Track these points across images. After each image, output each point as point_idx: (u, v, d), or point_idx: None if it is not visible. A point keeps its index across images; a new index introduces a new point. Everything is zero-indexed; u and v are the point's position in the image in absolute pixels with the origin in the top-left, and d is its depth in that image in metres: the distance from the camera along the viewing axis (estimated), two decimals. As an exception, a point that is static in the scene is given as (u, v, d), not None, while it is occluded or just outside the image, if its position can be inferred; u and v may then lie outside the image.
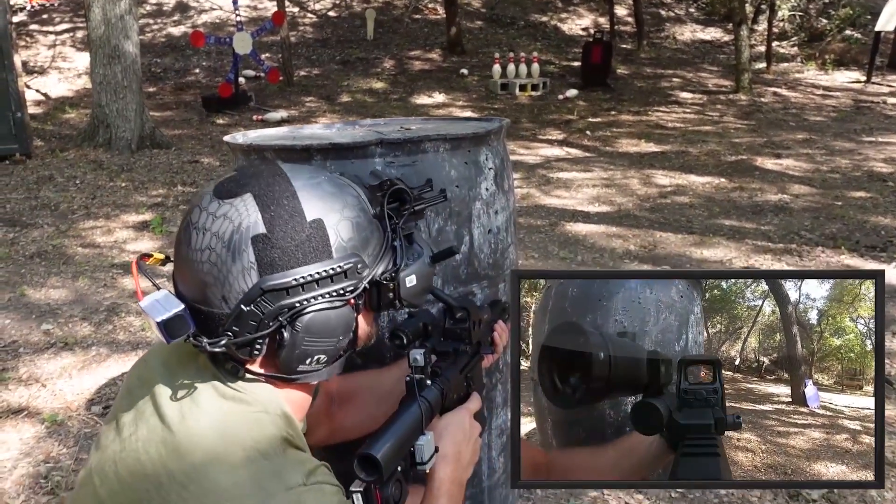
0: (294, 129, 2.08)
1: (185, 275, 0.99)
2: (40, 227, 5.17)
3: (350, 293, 0.99)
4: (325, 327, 0.98)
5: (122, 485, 0.96)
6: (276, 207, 0.96)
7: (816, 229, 5.00)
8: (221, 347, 0.95)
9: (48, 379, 2.98)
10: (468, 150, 1.69)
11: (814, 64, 14.15)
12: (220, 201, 0.97)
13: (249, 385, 1.01)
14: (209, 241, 0.95)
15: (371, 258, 1.03)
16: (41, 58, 12.12)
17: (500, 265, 1.78)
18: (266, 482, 0.91)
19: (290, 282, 0.95)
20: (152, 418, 0.99)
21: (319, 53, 13.67)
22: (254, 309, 0.94)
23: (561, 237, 4.97)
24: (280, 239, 0.95)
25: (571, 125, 9.69)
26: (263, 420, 0.98)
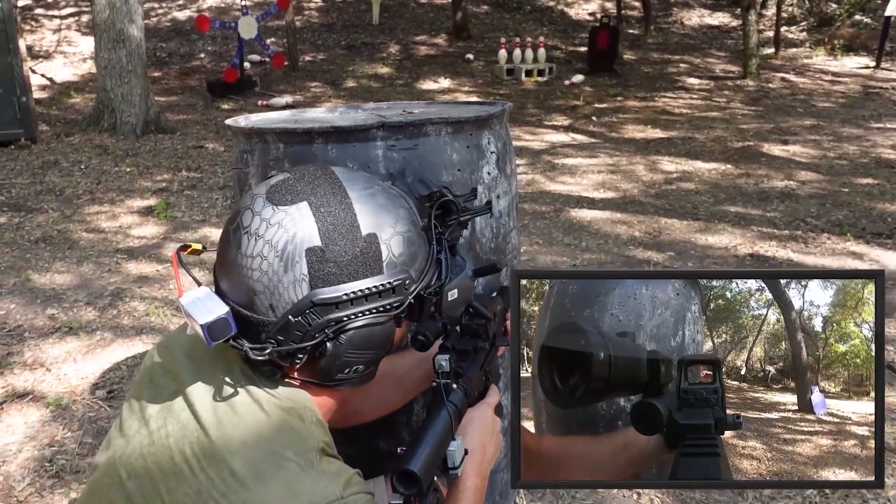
0: (297, 113, 2.07)
1: (231, 277, 0.98)
2: (45, 211, 5.17)
3: (395, 308, 0.99)
4: (368, 341, 0.98)
5: (155, 482, 0.95)
6: (332, 220, 0.95)
7: (822, 216, 4.97)
8: (265, 356, 0.95)
9: (53, 363, 2.99)
10: (470, 134, 1.68)
11: (822, 49, 14.04)
12: (275, 207, 0.96)
13: (285, 390, 1.00)
14: (261, 249, 0.94)
15: (418, 273, 1.02)
16: (46, 42, 12.11)
17: (502, 250, 1.78)
18: (305, 495, 0.90)
19: (341, 296, 0.94)
20: (183, 414, 0.98)
21: (325, 38, 13.63)
22: (301, 320, 0.94)
23: (566, 223, 4.96)
24: (334, 253, 0.94)
25: (577, 111, 9.65)
26: (301, 430, 0.97)
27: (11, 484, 2.24)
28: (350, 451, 1.78)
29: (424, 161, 1.61)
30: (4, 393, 2.76)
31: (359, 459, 1.79)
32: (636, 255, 4.32)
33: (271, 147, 1.65)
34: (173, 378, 1.03)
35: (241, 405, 0.97)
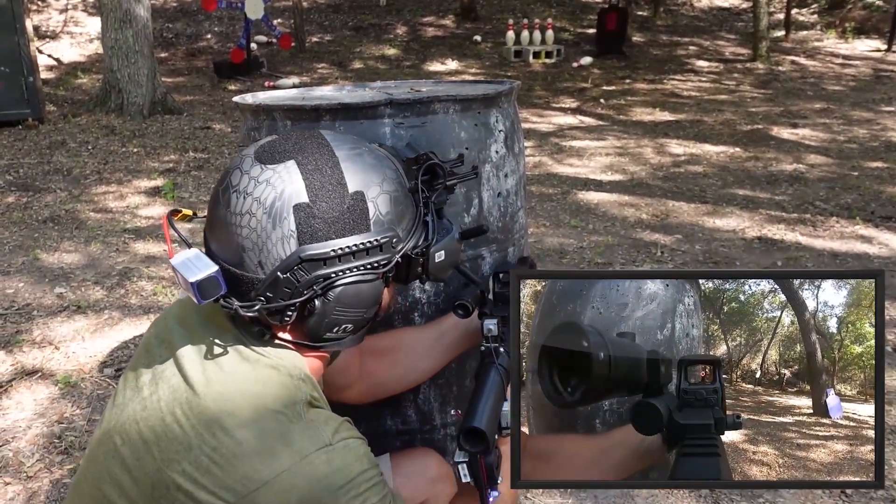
0: (304, 91, 2.06)
1: (220, 236, 0.99)
2: (53, 191, 5.18)
3: (383, 266, 1.01)
4: (357, 298, 0.99)
5: (147, 445, 0.96)
6: (320, 177, 0.97)
7: (831, 199, 4.95)
8: (254, 312, 0.96)
9: (62, 342, 3.00)
10: (478, 112, 1.67)
11: (833, 32, 13.91)
12: (263, 166, 0.97)
13: (274, 350, 1.01)
14: (250, 206, 0.95)
15: (405, 232, 1.04)
16: (53, 22, 12.08)
17: (509, 229, 1.77)
18: (295, 444, 0.92)
19: (329, 252, 0.95)
20: (174, 378, 1.00)
21: (332, 19, 13.56)
22: (290, 277, 0.95)
23: (573, 206, 4.94)
24: (322, 209, 0.95)
25: (585, 93, 9.59)
26: (288, 384, 0.98)
27: (21, 460, 2.26)
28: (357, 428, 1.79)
29: (432, 139, 1.60)
30: (14, 371, 2.78)
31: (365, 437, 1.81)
32: (643, 237, 4.31)
33: (279, 124, 1.65)
34: (167, 347, 1.05)
35: (229, 364, 0.99)
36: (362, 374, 1.49)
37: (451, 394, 1.77)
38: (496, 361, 1.23)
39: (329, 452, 0.92)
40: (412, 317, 1.67)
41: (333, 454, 0.93)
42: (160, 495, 0.93)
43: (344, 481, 0.92)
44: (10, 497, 2.10)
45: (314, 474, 0.91)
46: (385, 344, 1.55)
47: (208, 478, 0.91)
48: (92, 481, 1.02)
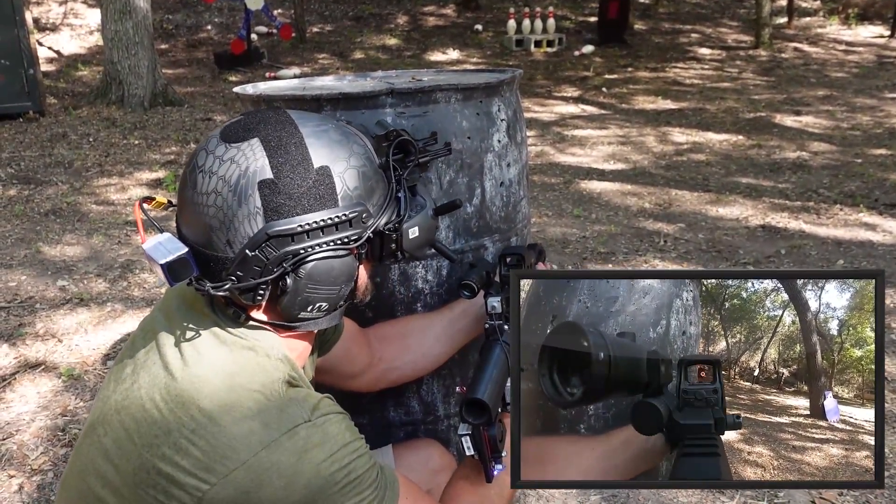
0: (305, 81, 2.05)
1: (189, 218, 0.98)
2: (55, 184, 5.18)
3: (354, 242, 1.00)
4: (328, 275, 0.98)
5: (129, 432, 0.96)
6: (284, 153, 0.96)
7: (835, 187, 4.92)
8: (225, 292, 0.95)
9: (64, 334, 3.00)
10: (480, 101, 1.65)
11: (837, 18, 13.83)
12: (228, 145, 0.97)
13: (251, 331, 1.01)
14: (215, 185, 0.95)
15: (376, 208, 1.03)
16: (53, 14, 12.03)
17: (511, 218, 1.76)
18: (273, 424, 0.92)
19: (296, 228, 0.94)
20: (154, 366, 0.99)
21: (332, 9, 13.51)
22: (258, 254, 0.94)
23: (575, 195, 4.93)
24: (287, 185, 0.94)
25: (587, 82, 9.56)
26: (265, 364, 0.98)
27: (25, 452, 2.26)
28: (360, 419, 1.79)
29: (434, 128, 1.58)
30: (17, 363, 2.78)
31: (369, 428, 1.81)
32: (646, 226, 4.29)
33: (279, 115, 1.64)
34: (150, 336, 1.05)
35: (206, 346, 0.99)
36: (374, 360, 1.49)
37: (454, 384, 1.77)
38: (501, 338, 1.24)
39: (309, 428, 0.92)
40: (415, 307, 1.66)
41: (313, 429, 0.93)
42: (142, 481, 0.93)
43: (326, 455, 0.92)
44: (14, 490, 2.11)
45: (294, 450, 0.91)
46: (396, 330, 1.56)
47: (188, 460, 0.90)
48: (77, 474, 1.02)
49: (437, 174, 1.60)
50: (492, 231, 1.71)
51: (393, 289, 1.64)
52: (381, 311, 1.64)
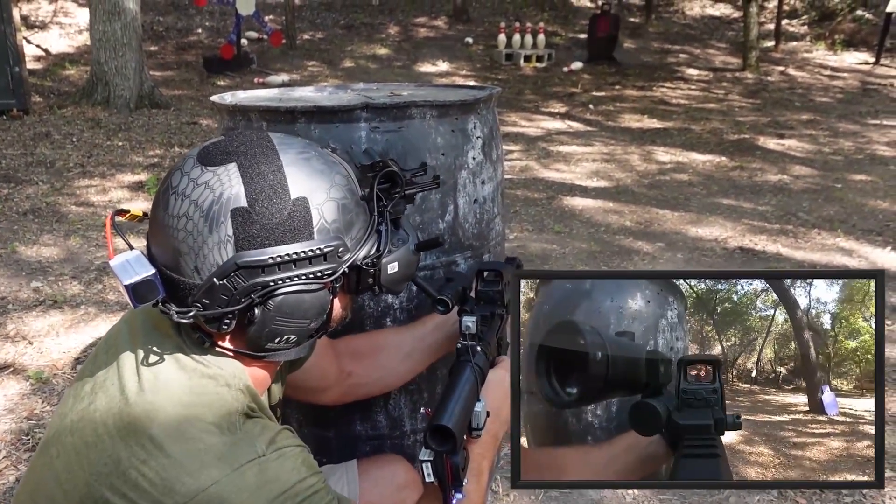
0: (284, 91, 2.05)
1: (158, 239, 0.96)
2: (35, 183, 5.14)
3: (328, 276, 0.96)
4: (298, 309, 0.95)
5: (79, 457, 0.93)
6: (261, 181, 0.92)
7: (814, 211, 4.97)
8: (189, 319, 0.93)
9: (35, 336, 2.97)
10: (455, 118, 1.66)
11: (823, 44, 13.99)
12: (204, 168, 0.93)
13: (214, 359, 0.98)
14: (187, 209, 0.92)
15: (354, 242, 0.99)
16: (42, 12, 11.97)
17: (485, 236, 1.76)
18: (226, 456, 0.89)
19: (267, 260, 0.91)
20: (112, 387, 0.96)
21: (324, 17, 13.52)
22: (226, 283, 0.91)
23: (557, 211, 4.94)
24: (261, 214, 0.91)
25: (575, 98, 9.61)
26: (224, 395, 0.95)
27: (-11, 456, 2.24)
28: (326, 433, 1.79)
29: (408, 144, 1.59)
30: (-15, 365, 2.75)
31: (335, 441, 1.80)
32: (626, 244, 4.31)
33: (254, 125, 1.63)
34: (113, 353, 1.02)
35: (165, 372, 0.95)
36: (342, 375, 1.47)
37: (422, 400, 1.76)
38: (472, 360, 1.20)
39: (262, 464, 0.89)
40: (384, 322, 1.66)
41: (266, 464, 0.90)
42: None
43: (279, 492, 0.89)
44: (-25, 494, 2.08)
45: (245, 486, 0.88)
46: (365, 345, 1.53)
47: (136, 492, 0.88)
48: (29, 494, 0.99)
49: (410, 190, 1.60)
50: (464, 248, 1.71)
51: (362, 303, 1.64)
52: (350, 325, 1.63)
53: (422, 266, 1.63)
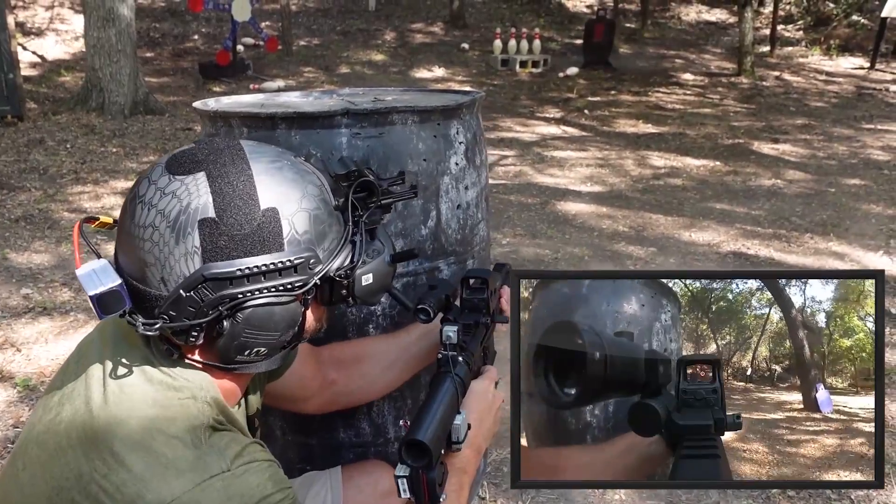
0: (269, 97, 2.04)
1: (125, 249, 0.93)
2: (28, 190, 5.13)
3: (299, 289, 0.94)
4: (268, 321, 0.93)
5: (43, 469, 0.92)
6: (229, 191, 0.90)
7: (807, 215, 4.97)
8: (155, 331, 0.90)
9: (24, 343, 2.97)
10: (437, 124, 1.65)
11: (818, 49, 14.02)
12: (172, 177, 0.91)
13: (182, 371, 0.96)
14: (153, 219, 0.89)
15: (326, 253, 0.97)
16: (39, 19, 11.97)
17: (468, 241, 1.76)
18: (189, 471, 0.87)
19: (235, 272, 0.89)
20: (78, 399, 0.95)
21: (320, 23, 13.54)
22: (193, 295, 0.89)
23: (551, 215, 4.94)
24: (229, 226, 0.89)
25: (570, 103, 9.62)
26: (190, 407, 0.93)
27: (-26, 464, 2.23)
28: (309, 440, 1.77)
29: (390, 149, 1.58)
30: (-27, 372, 2.74)
31: (318, 449, 1.79)
32: (619, 249, 4.31)
33: (235, 132, 1.63)
34: (83, 364, 0.99)
35: (131, 385, 0.93)
36: (325, 384, 1.45)
37: (405, 407, 1.75)
38: (453, 371, 1.17)
39: (226, 479, 0.87)
40: (366, 328, 1.65)
41: (231, 480, 0.87)
42: None
43: None
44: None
45: (208, 501, 0.85)
46: (349, 353, 1.51)
47: None
48: None
49: (392, 195, 1.59)
50: (447, 253, 1.71)
51: (345, 310, 1.63)
52: (332, 332, 1.62)
53: (404, 272, 1.63)
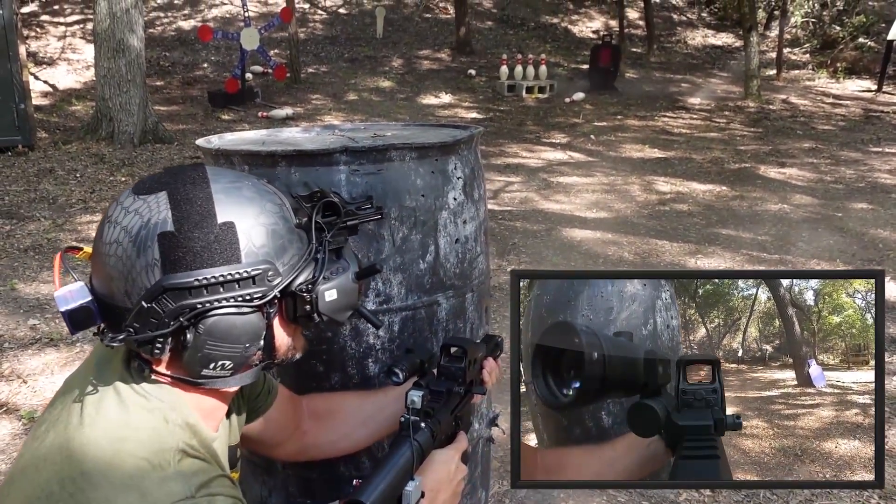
0: (271, 133, 2.06)
1: (97, 268, 0.98)
2: (37, 220, 5.18)
3: (258, 300, 0.97)
4: (230, 333, 0.96)
5: (23, 493, 0.94)
6: (188, 207, 0.95)
7: (813, 240, 4.96)
8: (119, 343, 0.94)
9: (30, 375, 2.98)
10: (435, 159, 1.67)
11: (825, 72, 14.06)
12: (136, 196, 0.96)
13: (155, 389, 0.99)
14: (118, 235, 0.95)
15: (287, 267, 1.01)
16: (51, 49, 12.15)
17: (467, 275, 1.77)
18: (151, 496, 0.89)
19: (193, 282, 0.93)
20: (60, 424, 0.98)
21: (328, 51, 13.68)
22: (155, 306, 0.92)
23: (556, 242, 4.95)
24: (187, 238, 0.93)
25: (576, 129, 9.66)
26: (161, 430, 0.96)
27: (-23, 498, 2.23)
28: (311, 474, 1.78)
29: (388, 185, 1.60)
30: (-21, 404, 2.75)
31: (319, 482, 1.79)
32: (624, 276, 4.31)
33: (237, 168, 1.65)
34: (69, 391, 1.02)
35: (106, 405, 0.97)
36: (298, 432, 1.46)
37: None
38: (412, 436, 1.18)
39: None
40: (366, 362, 1.66)
41: None
42: None
43: None
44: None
45: None
46: (324, 406, 1.52)
47: None
48: None
49: (391, 231, 1.60)
50: (445, 287, 1.71)
51: (344, 343, 1.64)
52: (332, 366, 1.63)
53: (403, 307, 1.64)
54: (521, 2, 16.40)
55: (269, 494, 1.81)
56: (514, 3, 16.36)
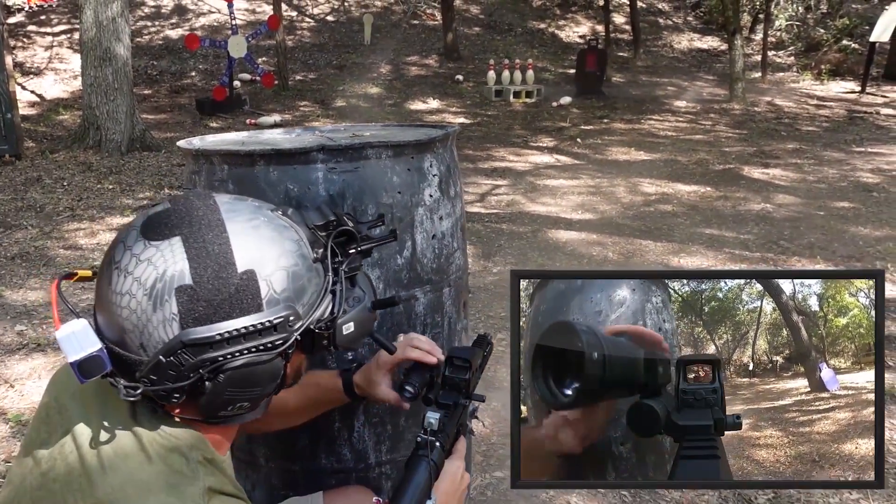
0: (252, 134, 2.10)
1: (105, 314, 0.93)
2: (24, 228, 5.19)
3: (280, 346, 0.94)
4: (249, 379, 0.94)
5: None
6: (206, 256, 0.90)
7: (795, 238, 5.02)
8: (137, 396, 0.90)
9: (17, 380, 3.00)
10: (411, 157, 1.71)
11: (809, 74, 14.18)
12: (147, 242, 0.91)
13: (172, 429, 0.96)
14: (130, 286, 0.90)
15: (306, 308, 0.97)
16: (38, 59, 12.15)
17: (444, 270, 1.80)
18: None
19: (214, 336, 0.89)
20: (70, 456, 0.95)
21: (316, 58, 13.72)
22: (173, 360, 0.89)
23: (542, 244, 4.99)
24: (206, 291, 0.89)
25: (563, 132, 9.72)
26: (184, 472, 0.93)
27: (-35, 500, 2.25)
28: (292, 466, 1.81)
29: (365, 183, 1.64)
30: (-33, 409, 2.77)
31: (301, 475, 1.82)
32: (608, 276, 4.35)
33: (217, 169, 1.68)
34: (65, 417, 1.00)
35: (124, 448, 0.93)
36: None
37: (386, 433, 1.78)
38: (430, 456, 1.19)
39: None
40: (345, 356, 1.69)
41: None
42: None
43: None
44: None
45: None
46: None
47: None
48: None
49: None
50: (423, 282, 1.75)
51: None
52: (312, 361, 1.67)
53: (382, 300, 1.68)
54: (508, 7, 16.49)
55: (253, 489, 1.84)
56: (501, 8, 16.44)
